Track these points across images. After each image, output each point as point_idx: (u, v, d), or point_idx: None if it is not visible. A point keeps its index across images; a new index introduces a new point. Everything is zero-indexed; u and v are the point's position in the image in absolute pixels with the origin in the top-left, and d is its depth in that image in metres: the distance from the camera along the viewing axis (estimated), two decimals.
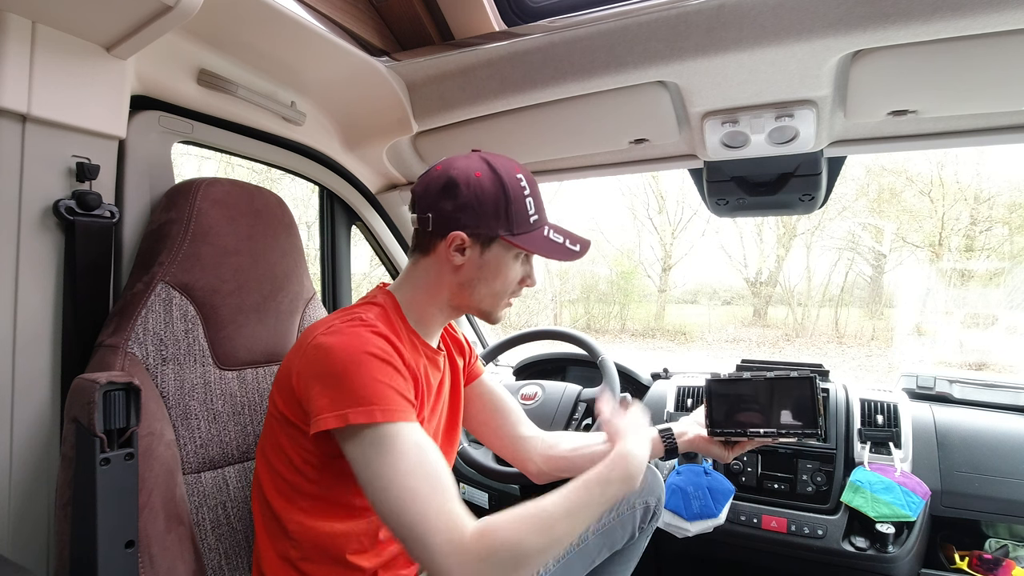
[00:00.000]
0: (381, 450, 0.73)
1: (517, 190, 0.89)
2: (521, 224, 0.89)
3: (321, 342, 0.79)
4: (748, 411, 1.06)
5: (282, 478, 0.84)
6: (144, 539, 0.80)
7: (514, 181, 0.89)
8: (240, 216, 1.01)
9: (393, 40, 1.26)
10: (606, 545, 1.05)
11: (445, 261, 0.89)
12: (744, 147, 1.21)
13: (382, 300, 0.91)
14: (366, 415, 0.73)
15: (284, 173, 1.43)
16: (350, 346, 0.77)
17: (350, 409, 0.73)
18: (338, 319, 0.83)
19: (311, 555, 0.84)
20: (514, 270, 0.92)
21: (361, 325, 0.81)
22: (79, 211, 0.86)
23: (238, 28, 1.03)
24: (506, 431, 1.12)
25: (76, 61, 0.83)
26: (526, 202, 0.90)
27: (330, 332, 0.80)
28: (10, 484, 0.82)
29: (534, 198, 0.92)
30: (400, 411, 0.76)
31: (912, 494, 1.22)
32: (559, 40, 1.10)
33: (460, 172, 0.88)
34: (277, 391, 0.85)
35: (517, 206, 0.88)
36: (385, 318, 0.87)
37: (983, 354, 4.71)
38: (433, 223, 0.88)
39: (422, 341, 0.93)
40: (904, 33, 0.90)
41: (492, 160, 0.90)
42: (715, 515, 1.16)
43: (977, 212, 5.48)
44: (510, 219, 0.88)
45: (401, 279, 0.95)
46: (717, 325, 6.65)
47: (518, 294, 0.97)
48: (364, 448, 0.74)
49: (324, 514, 0.84)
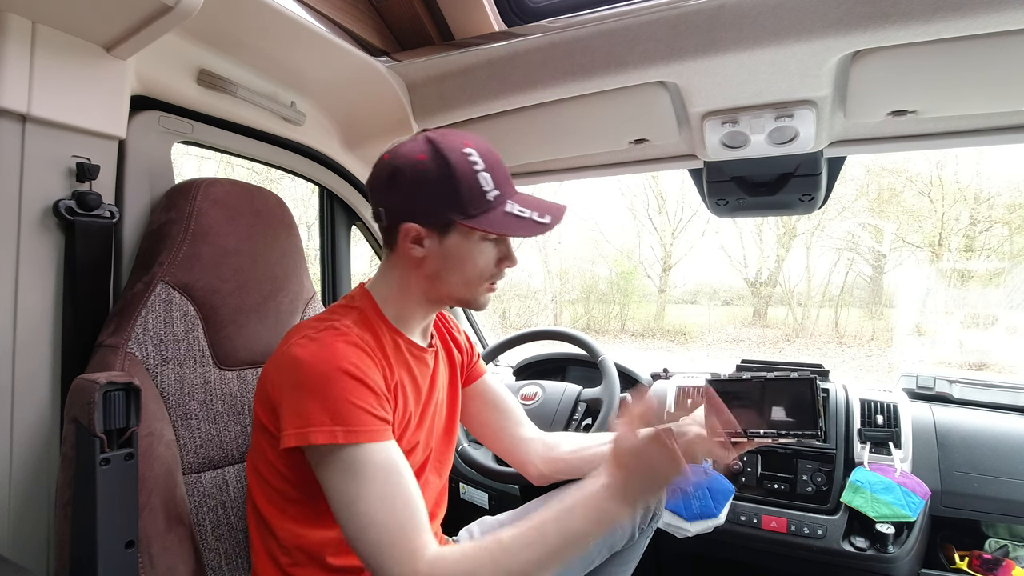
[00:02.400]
0: (343, 472, 0.73)
1: (465, 167, 0.80)
2: (476, 204, 0.81)
3: (295, 354, 0.77)
4: (748, 412, 1.06)
5: (271, 486, 0.84)
6: (144, 539, 0.80)
7: (461, 158, 0.81)
8: (240, 216, 1.01)
9: (393, 40, 1.26)
10: (606, 546, 1.05)
11: (407, 255, 0.84)
12: (744, 147, 1.21)
13: (360, 302, 0.88)
14: (328, 435, 0.72)
15: (284, 173, 1.43)
16: (321, 361, 0.75)
17: (313, 428, 0.72)
18: (312, 328, 0.81)
19: (301, 561, 0.83)
20: (484, 254, 0.85)
21: (335, 334, 0.79)
22: (79, 211, 0.86)
23: (238, 28, 1.03)
24: (507, 432, 1.11)
25: (76, 61, 0.83)
26: (478, 178, 0.81)
27: (304, 341, 0.78)
28: (10, 484, 0.82)
29: (491, 171, 0.82)
30: (366, 431, 0.74)
31: (912, 494, 1.22)
32: (559, 40, 1.10)
33: (403, 159, 0.82)
34: (258, 401, 0.84)
35: (468, 184, 0.80)
36: (363, 321, 0.85)
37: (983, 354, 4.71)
38: (386, 217, 0.84)
39: (406, 339, 0.90)
40: (904, 33, 0.90)
41: (438, 139, 0.82)
42: (715, 515, 1.16)
43: (977, 212, 5.47)
44: (462, 200, 0.80)
45: (376, 277, 0.92)
46: (717, 325, 6.65)
47: (500, 276, 0.90)
48: (328, 468, 0.74)
49: (313, 522, 0.83)
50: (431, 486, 0.97)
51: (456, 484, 1.67)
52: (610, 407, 1.41)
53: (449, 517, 1.07)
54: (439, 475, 1.00)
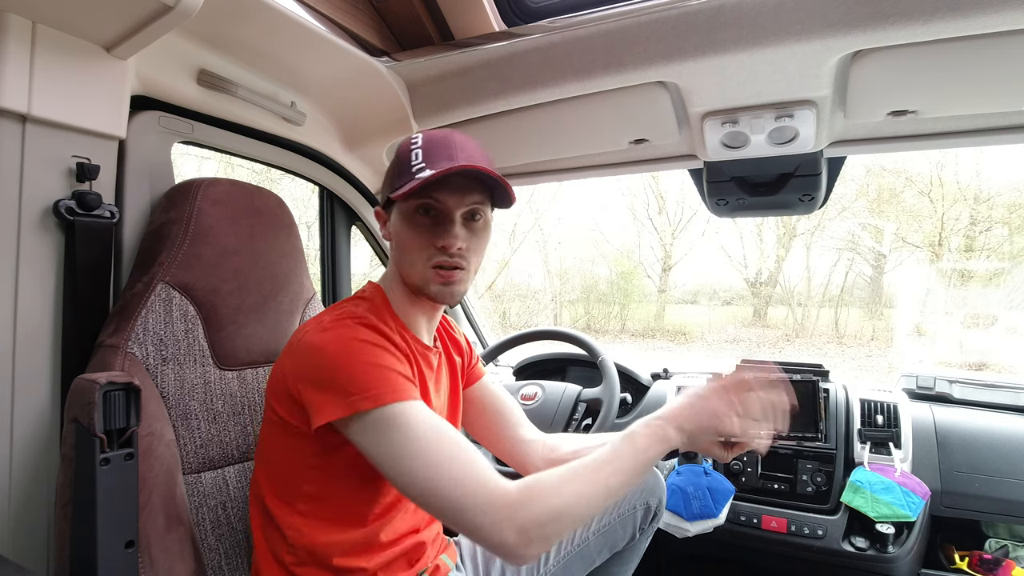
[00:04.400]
0: (396, 430, 0.72)
1: (404, 148, 0.86)
2: (402, 177, 0.83)
3: (312, 340, 0.78)
4: None
5: (281, 482, 0.84)
6: (144, 539, 0.80)
7: (407, 142, 0.86)
8: (240, 216, 1.01)
9: (393, 40, 1.26)
10: (607, 546, 1.05)
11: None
12: (744, 147, 1.21)
13: (371, 295, 0.91)
14: (372, 399, 0.73)
15: (284, 173, 1.43)
16: (340, 338, 0.77)
17: (354, 396, 0.73)
18: (327, 316, 0.83)
19: (305, 560, 0.83)
20: (415, 230, 0.84)
21: (349, 318, 0.81)
22: (79, 211, 0.86)
23: (238, 28, 1.03)
24: (507, 434, 1.11)
25: (76, 61, 0.83)
26: (410, 155, 0.84)
27: (320, 329, 0.80)
28: (10, 484, 0.82)
29: (424, 149, 0.83)
30: (404, 390, 0.75)
31: (912, 494, 1.22)
32: (559, 40, 1.10)
33: None
34: (272, 395, 0.84)
35: (401, 162, 0.85)
36: (375, 311, 0.87)
37: (983, 354, 4.71)
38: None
39: (413, 337, 0.91)
40: (904, 33, 0.90)
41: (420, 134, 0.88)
42: (715, 515, 1.16)
43: (977, 212, 5.48)
44: (395, 177, 0.85)
45: (384, 272, 0.96)
46: (717, 325, 6.65)
47: (440, 257, 0.84)
48: (378, 433, 0.73)
49: (323, 520, 0.83)
50: None
51: None
52: (610, 407, 1.41)
53: None
54: None
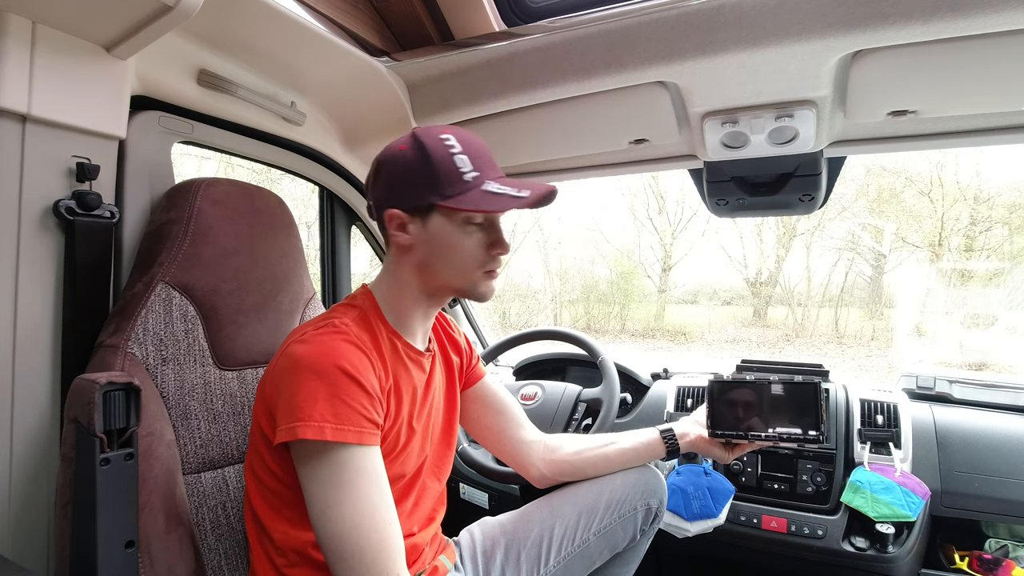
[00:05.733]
0: (327, 470, 0.73)
1: (441, 151, 0.82)
2: (453, 185, 0.81)
3: (292, 351, 0.78)
4: (750, 414, 1.06)
5: (266, 488, 0.84)
6: (144, 539, 0.80)
7: (437, 143, 0.83)
8: (240, 216, 1.01)
9: (393, 40, 1.26)
10: (607, 547, 1.05)
11: (398, 246, 0.87)
12: (744, 147, 1.21)
13: (361, 301, 0.89)
14: (316, 431, 0.72)
15: (284, 173, 1.43)
16: (318, 357, 0.75)
17: (301, 423, 0.72)
18: (312, 326, 0.82)
19: (295, 562, 0.83)
20: (469, 238, 0.85)
21: (333, 332, 0.79)
22: (79, 211, 0.86)
23: (238, 28, 1.03)
24: (508, 435, 1.10)
25: (76, 61, 0.83)
26: (455, 160, 0.82)
27: (302, 340, 0.79)
28: (10, 484, 0.82)
29: (468, 155, 0.83)
30: (354, 432, 0.74)
31: (912, 494, 1.22)
32: (559, 40, 1.10)
33: (387, 152, 0.86)
34: (257, 402, 0.84)
35: (444, 166, 0.82)
36: (363, 321, 0.85)
37: (983, 354, 4.71)
38: (375, 210, 0.87)
39: (404, 342, 0.90)
40: (904, 33, 0.90)
41: (420, 131, 0.85)
42: (715, 515, 1.16)
43: (977, 212, 5.48)
44: (439, 182, 0.81)
45: (377, 276, 0.93)
46: (717, 325, 6.65)
47: (495, 263, 0.88)
48: (312, 466, 0.74)
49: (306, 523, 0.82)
50: (429, 490, 0.97)
51: (456, 484, 1.67)
52: (610, 407, 1.41)
53: (449, 517, 1.07)
54: (438, 479, 1.00)
